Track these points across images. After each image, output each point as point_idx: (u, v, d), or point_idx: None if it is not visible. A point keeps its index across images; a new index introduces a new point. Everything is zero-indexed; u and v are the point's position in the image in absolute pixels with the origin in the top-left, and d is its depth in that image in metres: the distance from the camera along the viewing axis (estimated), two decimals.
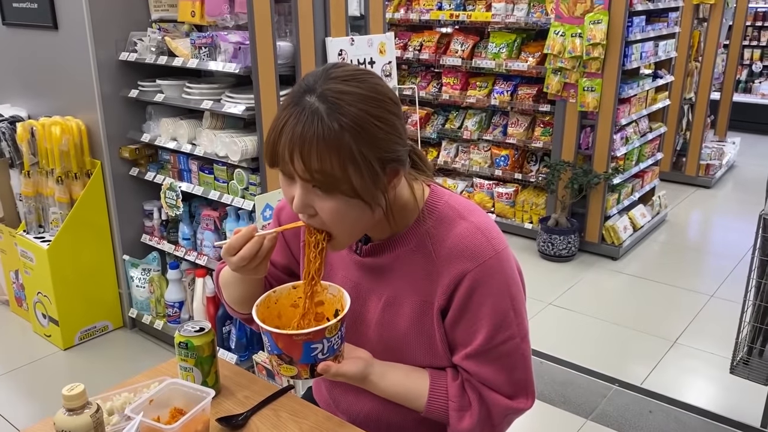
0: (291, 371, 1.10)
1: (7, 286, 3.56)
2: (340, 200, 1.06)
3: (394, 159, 1.08)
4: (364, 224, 1.13)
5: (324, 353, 1.10)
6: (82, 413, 1.10)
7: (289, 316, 1.20)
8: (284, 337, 1.07)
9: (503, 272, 1.17)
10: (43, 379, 3.01)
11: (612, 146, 4.11)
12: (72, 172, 3.12)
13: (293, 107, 1.03)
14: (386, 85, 1.10)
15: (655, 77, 4.58)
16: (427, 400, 1.21)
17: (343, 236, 1.14)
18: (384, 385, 1.20)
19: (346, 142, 1.01)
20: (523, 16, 4.44)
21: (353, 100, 1.02)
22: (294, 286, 1.22)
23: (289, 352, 1.08)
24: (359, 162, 1.02)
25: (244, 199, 2.74)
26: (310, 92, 1.03)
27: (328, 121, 1.00)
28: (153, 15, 3.03)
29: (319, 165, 1.01)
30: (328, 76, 1.05)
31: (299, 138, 1.01)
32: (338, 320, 1.09)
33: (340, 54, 2.82)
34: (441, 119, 5.07)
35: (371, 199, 1.07)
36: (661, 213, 4.93)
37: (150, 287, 3.23)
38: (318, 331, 1.06)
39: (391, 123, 1.07)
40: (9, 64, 3.49)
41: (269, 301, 1.19)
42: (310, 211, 1.09)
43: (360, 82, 1.05)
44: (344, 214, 1.08)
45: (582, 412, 2.77)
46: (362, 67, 1.13)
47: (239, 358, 2.90)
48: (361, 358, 1.18)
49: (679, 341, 3.32)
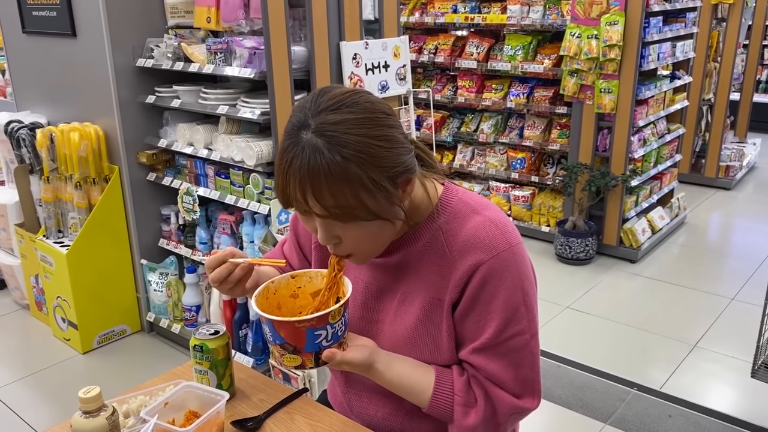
0: (295, 361, 1.09)
1: (27, 291, 3.61)
2: (361, 225, 1.07)
3: (403, 170, 1.08)
4: (387, 239, 1.17)
5: (328, 340, 1.08)
6: (98, 416, 1.11)
7: (289, 306, 1.20)
8: (287, 324, 1.06)
9: (516, 266, 1.16)
10: (63, 383, 3.04)
11: (630, 148, 4.07)
12: (90, 178, 3.16)
13: (293, 147, 1.02)
14: (377, 100, 1.09)
15: (673, 78, 4.54)
16: (432, 393, 1.20)
17: (368, 255, 1.18)
18: (390, 375, 1.19)
19: (353, 171, 1.01)
20: (538, 18, 4.42)
21: (349, 127, 1.02)
22: (292, 276, 1.21)
23: (292, 341, 1.07)
24: (370, 187, 1.03)
25: (260, 203, 2.75)
26: (305, 128, 1.02)
27: (329, 155, 1.00)
28: (169, 21, 3.06)
29: (332, 200, 1.02)
30: (318, 108, 1.04)
31: (308, 178, 1.01)
32: (341, 305, 1.08)
33: (355, 58, 2.83)
34: (456, 122, 5.06)
35: (391, 216, 1.09)
36: (680, 215, 4.88)
37: (167, 291, 3.25)
38: (321, 316, 1.05)
39: (391, 137, 1.06)
40: (29, 72, 3.54)
41: (268, 291, 1.18)
42: (335, 241, 1.12)
43: (349, 107, 1.04)
44: (368, 237, 1.11)
45: (600, 416, 2.74)
46: (348, 87, 1.13)
47: (255, 361, 2.91)
48: (366, 346, 1.17)
49: (699, 345, 3.28)
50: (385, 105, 1.10)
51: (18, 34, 3.44)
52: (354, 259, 1.17)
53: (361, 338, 1.20)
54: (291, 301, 1.21)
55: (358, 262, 1.19)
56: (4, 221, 3.59)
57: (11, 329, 3.55)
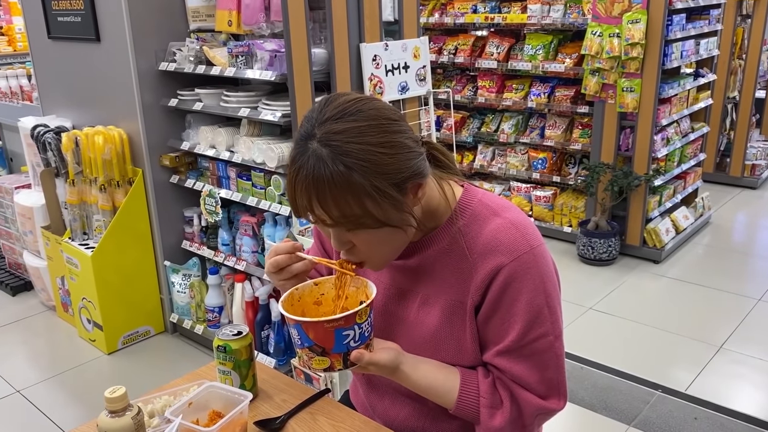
0: (324, 363, 1.10)
1: (53, 292, 3.66)
2: (370, 232, 1.08)
3: (410, 176, 1.08)
4: (399, 245, 1.17)
5: (356, 341, 1.09)
6: (123, 415, 1.12)
7: (313, 313, 1.21)
8: (315, 325, 1.07)
9: (538, 268, 1.15)
10: (88, 383, 3.09)
11: (652, 147, 4.03)
12: (114, 181, 3.20)
13: (300, 157, 1.03)
14: (381, 106, 1.08)
15: (697, 76, 4.48)
16: (458, 395, 1.20)
17: (383, 261, 1.18)
18: (416, 377, 1.19)
19: (356, 180, 1.01)
20: (559, 17, 4.39)
21: (351, 136, 1.02)
22: (315, 283, 1.22)
23: (321, 342, 1.08)
24: (374, 195, 1.03)
25: (281, 205, 2.77)
26: (311, 138, 1.03)
27: (332, 165, 1.00)
28: (191, 25, 3.09)
29: (337, 210, 1.03)
30: (323, 117, 1.04)
31: (313, 188, 1.02)
32: (367, 305, 1.08)
33: (374, 59, 2.83)
34: (477, 123, 5.04)
35: (399, 223, 1.09)
36: (704, 215, 4.81)
37: (190, 292, 3.28)
38: (349, 316, 1.06)
39: (396, 143, 1.06)
40: (54, 76, 3.60)
41: (292, 298, 1.19)
42: (347, 247, 1.13)
43: (353, 115, 1.04)
44: (378, 243, 1.12)
45: (624, 418, 2.71)
46: (355, 93, 1.13)
47: (278, 362, 2.93)
48: (392, 348, 1.17)
49: (725, 346, 3.23)
50: (391, 111, 1.09)
51: (44, 39, 3.50)
52: (368, 266, 1.17)
53: (386, 342, 1.20)
54: (314, 308, 1.22)
55: (373, 268, 1.19)
56: (31, 224, 3.65)
57: (38, 330, 3.61)
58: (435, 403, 1.24)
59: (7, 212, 3.99)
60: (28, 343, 3.47)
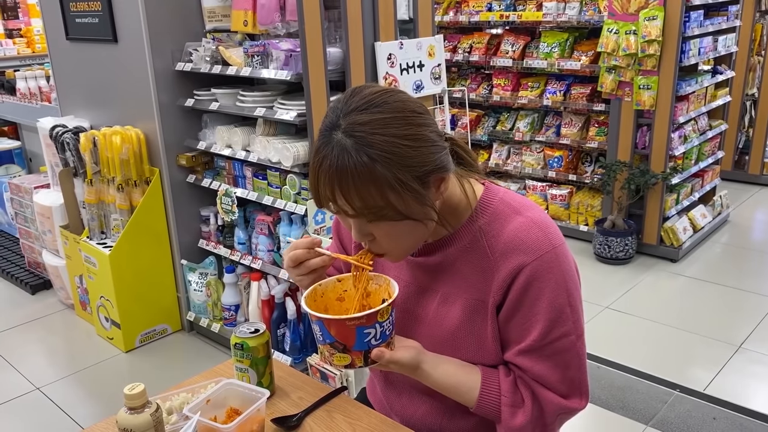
0: (345, 360, 1.10)
1: (72, 291, 3.70)
2: (391, 224, 1.08)
3: (433, 169, 1.08)
4: (419, 239, 1.16)
5: (377, 339, 1.10)
6: (142, 412, 1.13)
7: (336, 309, 1.21)
8: (337, 323, 1.07)
9: (560, 267, 1.15)
10: (106, 381, 3.12)
11: (670, 145, 3.99)
12: (132, 180, 3.23)
13: (324, 147, 1.04)
14: (407, 98, 1.09)
15: (715, 73, 4.43)
16: (479, 393, 1.20)
17: (402, 253, 1.18)
18: (437, 375, 1.19)
19: (379, 172, 1.01)
20: (575, 15, 4.37)
21: (376, 127, 1.02)
22: (339, 279, 1.22)
23: (342, 339, 1.08)
24: (397, 187, 1.03)
25: (297, 204, 2.78)
26: (335, 129, 1.04)
27: (356, 156, 1.01)
28: (207, 25, 3.10)
29: (360, 200, 1.03)
30: (348, 108, 1.05)
31: (336, 178, 1.02)
32: (389, 304, 1.09)
33: (389, 58, 2.83)
34: (492, 121, 5.03)
35: (421, 217, 1.09)
36: (722, 213, 4.76)
37: (207, 291, 3.30)
38: (371, 314, 1.07)
39: (420, 136, 1.06)
40: (72, 77, 3.64)
41: (315, 294, 1.20)
42: (369, 238, 1.13)
43: (378, 106, 1.04)
44: (399, 235, 1.11)
45: (642, 418, 2.69)
46: (381, 86, 1.13)
47: (293, 360, 2.94)
48: (413, 347, 1.18)
49: (744, 346, 3.20)
50: (416, 104, 1.09)
51: (62, 41, 3.54)
52: (388, 257, 1.18)
53: (407, 340, 1.20)
54: (337, 305, 1.22)
55: (393, 260, 1.19)
56: (50, 223, 3.69)
57: (57, 328, 3.65)
58: (453, 400, 1.23)
59: (26, 212, 4.04)
60: (47, 341, 3.51)
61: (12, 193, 4.19)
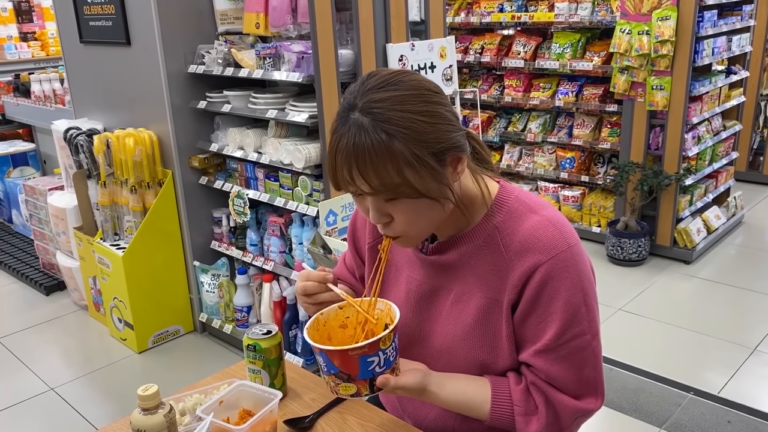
0: (350, 389, 1.10)
1: (85, 292, 3.72)
2: (408, 203, 1.08)
3: (450, 147, 1.08)
4: (436, 220, 1.15)
5: (381, 366, 1.09)
6: (156, 413, 1.14)
7: (339, 337, 1.21)
8: (339, 353, 1.07)
9: (576, 266, 1.14)
10: (119, 381, 3.13)
11: (683, 146, 3.96)
12: (145, 182, 3.24)
13: (341, 127, 1.05)
14: (423, 79, 1.10)
15: (729, 73, 4.40)
16: (491, 406, 1.19)
17: (418, 235, 1.17)
18: (444, 395, 1.18)
19: (396, 148, 1.02)
20: (587, 15, 4.35)
21: (392, 104, 1.03)
22: (340, 307, 1.22)
23: (346, 369, 1.08)
24: (414, 163, 1.03)
25: (308, 206, 2.78)
26: (353, 109, 1.04)
27: (373, 133, 1.01)
28: (219, 28, 3.12)
29: (377, 178, 1.03)
30: (365, 88, 1.06)
31: (353, 156, 1.03)
32: (390, 330, 1.08)
33: (401, 60, 2.83)
34: (503, 122, 5.01)
35: (438, 195, 1.09)
36: (737, 214, 4.72)
37: (219, 292, 3.31)
38: (372, 343, 1.06)
39: (436, 113, 1.06)
40: (86, 80, 3.67)
41: (318, 323, 1.20)
42: (386, 219, 1.12)
43: (395, 85, 1.05)
44: (416, 215, 1.10)
45: (655, 421, 2.68)
46: (397, 68, 1.14)
47: (305, 361, 2.94)
48: (418, 370, 1.17)
49: (759, 348, 3.17)
50: (432, 83, 1.10)
51: (76, 44, 3.57)
52: (402, 241, 1.17)
53: (412, 362, 1.20)
54: (341, 332, 1.22)
55: (408, 243, 1.18)
56: (64, 225, 3.72)
57: (71, 329, 3.67)
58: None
59: (40, 213, 4.08)
60: (61, 342, 3.53)
61: (26, 194, 4.23)
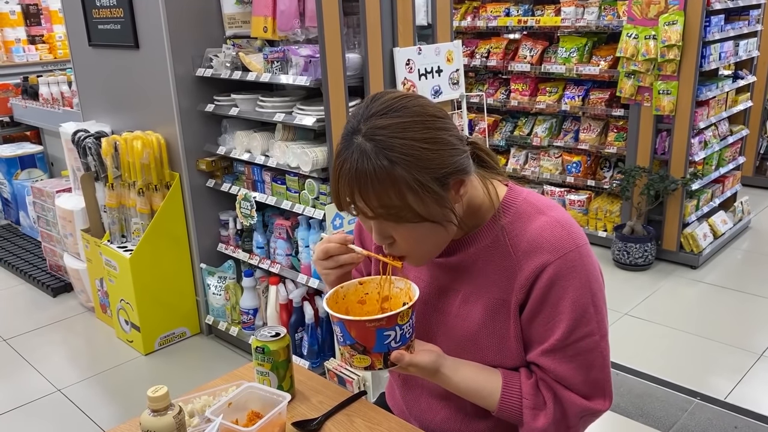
0: (365, 361, 1.11)
1: (92, 294, 3.74)
2: (410, 227, 1.09)
3: (453, 172, 1.09)
4: (441, 242, 1.16)
5: (397, 341, 1.10)
6: (165, 414, 1.14)
7: (357, 312, 1.22)
8: (358, 324, 1.08)
9: (584, 266, 1.15)
10: (126, 383, 3.14)
11: (690, 150, 3.96)
12: (152, 184, 3.26)
13: (344, 151, 1.06)
14: (427, 103, 1.10)
15: (736, 78, 4.39)
16: (500, 397, 1.20)
17: (424, 257, 1.18)
18: (457, 379, 1.19)
19: (399, 174, 1.03)
20: (593, 20, 4.35)
21: (396, 131, 1.04)
22: (360, 282, 1.24)
23: (362, 341, 1.09)
24: (417, 189, 1.04)
25: (315, 209, 2.79)
26: (356, 133, 1.06)
27: (375, 159, 1.02)
28: (227, 32, 3.13)
29: (378, 203, 1.05)
30: (369, 112, 1.07)
31: (355, 181, 1.04)
32: (409, 306, 1.10)
33: (408, 64, 2.84)
34: (509, 126, 5.02)
35: (440, 219, 1.10)
36: (743, 219, 4.71)
37: (226, 295, 3.32)
38: (391, 316, 1.08)
39: (440, 140, 1.07)
40: (94, 83, 3.68)
41: (337, 296, 1.21)
42: (389, 241, 1.14)
43: (398, 111, 1.06)
44: (419, 239, 1.12)
45: (661, 426, 2.67)
46: (401, 91, 1.14)
47: (311, 364, 2.95)
48: (433, 351, 1.18)
49: (766, 354, 3.16)
50: (436, 108, 1.11)
51: (84, 47, 3.59)
52: (409, 261, 1.18)
53: (427, 344, 1.20)
54: (358, 307, 1.23)
55: (414, 263, 1.20)
56: (71, 227, 3.74)
57: (77, 331, 3.69)
58: (472, 405, 1.23)
59: (48, 215, 4.10)
60: (68, 344, 3.55)
61: (34, 196, 4.25)
